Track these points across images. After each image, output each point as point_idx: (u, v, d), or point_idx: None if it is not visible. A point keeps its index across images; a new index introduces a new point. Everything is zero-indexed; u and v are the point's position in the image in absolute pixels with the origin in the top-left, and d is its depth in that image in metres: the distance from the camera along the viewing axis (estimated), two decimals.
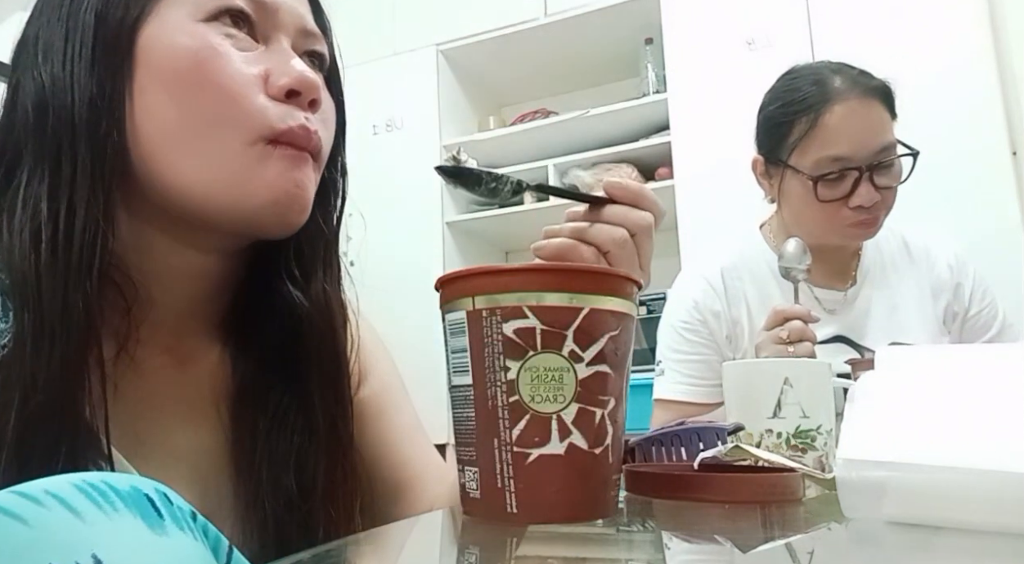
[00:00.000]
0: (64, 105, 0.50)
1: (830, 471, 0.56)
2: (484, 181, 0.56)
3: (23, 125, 0.51)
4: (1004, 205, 2.03)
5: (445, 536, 0.49)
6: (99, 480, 0.28)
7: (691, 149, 2.42)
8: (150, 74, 0.50)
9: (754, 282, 1.24)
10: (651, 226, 0.58)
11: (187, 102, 0.50)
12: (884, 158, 1.11)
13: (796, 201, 1.18)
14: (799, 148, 1.14)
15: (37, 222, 0.48)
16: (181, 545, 0.28)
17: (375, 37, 2.93)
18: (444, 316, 0.45)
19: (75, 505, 0.27)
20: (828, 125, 1.11)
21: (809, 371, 0.66)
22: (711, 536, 0.45)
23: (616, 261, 0.56)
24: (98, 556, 0.26)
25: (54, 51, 0.51)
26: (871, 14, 2.22)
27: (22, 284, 0.47)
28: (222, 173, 0.51)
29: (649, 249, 0.59)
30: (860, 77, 1.15)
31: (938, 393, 0.41)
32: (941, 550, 0.37)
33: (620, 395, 0.44)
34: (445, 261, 2.75)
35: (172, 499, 0.29)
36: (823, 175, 1.12)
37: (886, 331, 1.18)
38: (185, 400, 0.58)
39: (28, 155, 0.51)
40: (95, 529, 0.26)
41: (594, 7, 2.66)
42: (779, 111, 1.18)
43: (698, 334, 1.23)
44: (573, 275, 0.42)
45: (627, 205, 0.59)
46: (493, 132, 2.88)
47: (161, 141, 0.51)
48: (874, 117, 1.12)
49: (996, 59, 2.09)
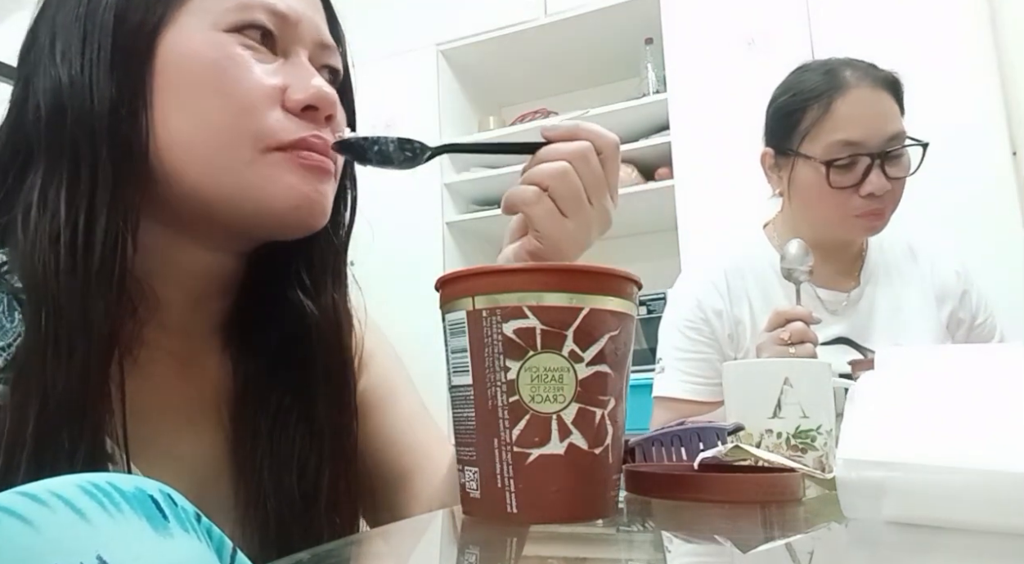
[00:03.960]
0: (83, 107, 0.50)
1: (830, 471, 0.56)
2: (368, 149, 0.54)
3: (35, 124, 0.51)
4: (1004, 205, 2.03)
5: (445, 536, 0.49)
6: (103, 481, 0.28)
7: (691, 149, 2.42)
8: (169, 79, 0.51)
9: (757, 282, 1.24)
10: (586, 152, 0.53)
11: (204, 109, 0.51)
12: (894, 146, 1.12)
13: (806, 191, 1.18)
14: (810, 135, 1.15)
15: (56, 226, 0.48)
16: (186, 547, 0.28)
17: (375, 37, 2.93)
18: (444, 316, 0.45)
19: (80, 506, 0.26)
20: (840, 111, 1.13)
21: (809, 371, 0.66)
22: (711, 536, 0.45)
23: (557, 194, 0.53)
24: (103, 557, 0.25)
25: (72, 52, 0.51)
26: (871, 14, 2.22)
27: (40, 288, 0.47)
28: (240, 180, 0.51)
29: (613, 173, 0.55)
30: (870, 68, 1.17)
31: (938, 393, 0.41)
32: (941, 550, 0.37)
33: (620, 395, 0.44)
34: (445, 261, 2.75)
35: (176, 500, 0.29)
36: (834, 159, 1.12)
37: (889, 333, 1.18)
38: (187, 402, 0.58)
39: (41, 155, 0.50)
40: (100, 530, 0.26)
41: (594, 7, 2.66)
42: (790, 100, 1.19)
43: (700, 333, 1.23)
44: (573, 275, 0.42)
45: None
46: (493, 132, 2.88)
47: (180, 146, 0.51)
48: (884, 106, 1.14)
49: (996, 59, 2.09)
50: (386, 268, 2.64)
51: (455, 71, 2.97)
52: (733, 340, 1.23)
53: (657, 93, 2.60)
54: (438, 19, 2.89)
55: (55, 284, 0.47)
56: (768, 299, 1.22)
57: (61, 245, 0.47)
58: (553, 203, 0.53)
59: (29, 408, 0.45)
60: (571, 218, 0.54)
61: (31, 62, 0.53)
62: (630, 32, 2.71)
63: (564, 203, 0.53)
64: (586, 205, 0.54)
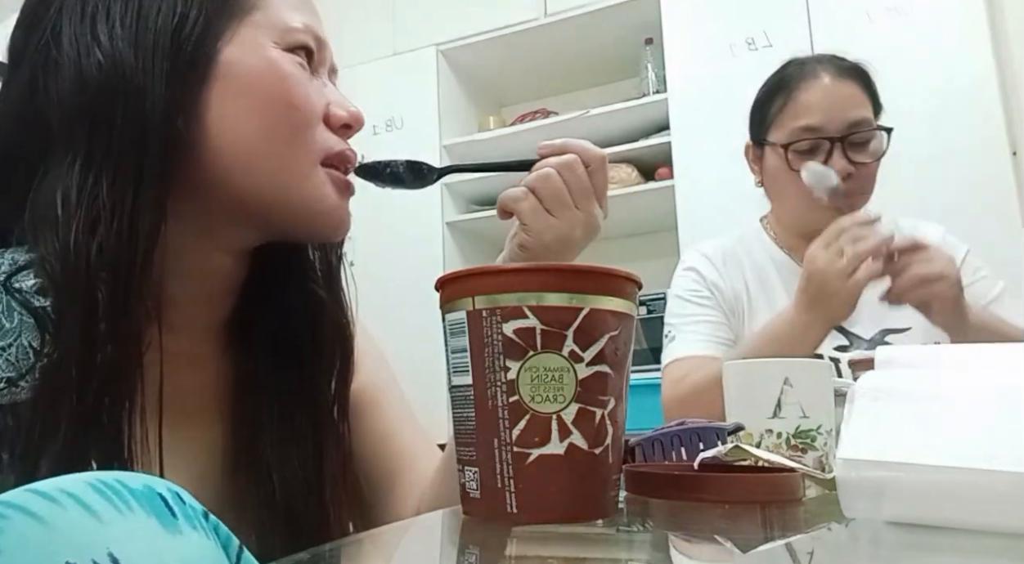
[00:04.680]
0: (135, 108, 0.50)
1: (830, 471, 0.56)
2: (382, 172, 0.62)
3: (67, 118, 0.51)
4: (1004, 205, 2.03)
5: (445, 536, 0.49)
6: (113, 479, 0.28)
7: (691, 149, 2.42)
8: (232, 88, 0.53)
9: (753, 269, 1.27)
10: (571, 161, 0.60)
11: (270, 118, 0.54)
12: (856, 131, 1.14)
13: (775, 177, 1.22)
14: (775, 123, 1.20)
15: (92, 219, 0.48)
16: (194, 544, 0.28)
17: (375, 37, 2.93)
18: (444, 316, 0.45)
19: (90, 504, 0.27)
20: (800, 99, 1.18)
21: (809, 371, 0.66)
22: (711, 536, 0.45)
23: (541, 194, 0.60)
24: (114, 554, 0.26)
25: (119, 51, 0.51)
26: (871, 14, 2.22)
27: (70, 283, 0.47)
28: (302, 190, 0.55)
29: (600, 183, 0.62)
30: (835, 59, 1.21)
31: (938, 393, 0.41)
32: (941, 550, 0.37)
33: (620, 395, 0.44)
34: (445, 261, 2.75)
35: (184, 498, 0.29)
36: (792, 142, 1.16)
37: (877, 317, 1.18)
38: (190, 399, 0.58)
39: (66, 146, 0.50)
40: (111, 528, 0.27)
41: (594, 7, 2.66)
42: (762, 93, 1.25)
43: (706, 299, 1.25)
44: (573, 275, 0.42)
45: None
46: (493, 132, 2.88)
47: (239, 149, 0.53)
48: (846, 92, 1.17)
49: (996, 59, 2.09)
50: (386, 268, 2.65)
51: (455, 71, 2.97)
52: (736, 315, 1.24)
53: (657, 93, 2.60)
54: (438, 19, 2.89)
55: (88, 279, 0.47)
56: (764, 289, 1.24)
57: (100, 239, 0.48)
58: (539, 201, 0.60)
59: (62, 406, 0.46)
60: (555, 216, 0.60)
61: (38, 53, 0.53)
62: (630, 32, 2.71)
63: (548, 202, 0.59)
64: (570, 206, 0.60)
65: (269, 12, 0.55)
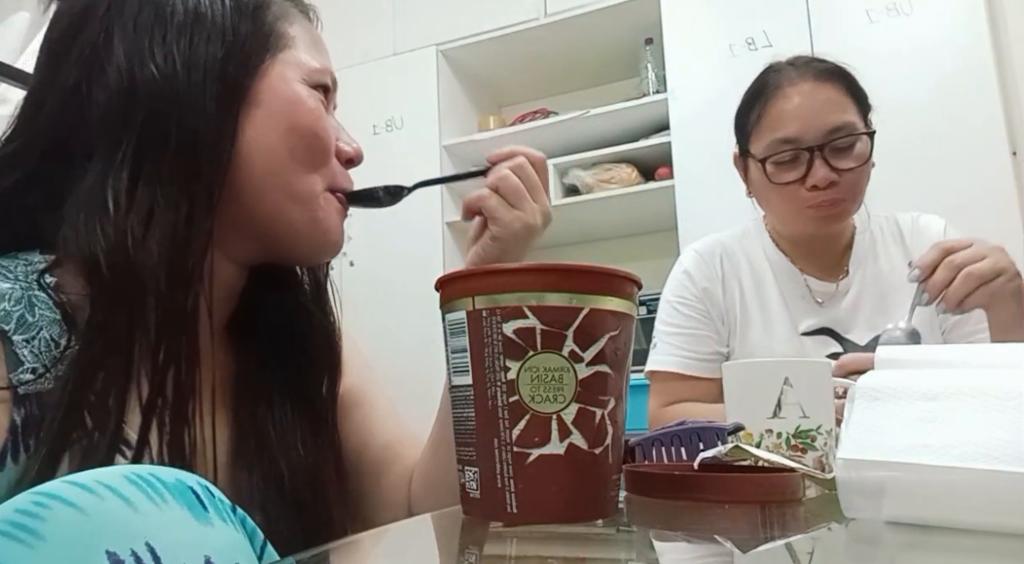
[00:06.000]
0: (188, 123, 0.55)
1: (830, 471, 0.56)
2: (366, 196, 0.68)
3: (107, 118, 0.54)
4: (1004, 205, 2.03)
5: (445, 536, 0.49)
6: (147, 472, 0.29)
7: (691, 149, 2.42)
8: (267, 114, 0.59)
9: (750, 267, 1.26)
10: (522, 163, 0.68)
11: (299, 144, 0.60)
12: (835, 138, 1.10)
13: (759, 189, 1.20)
14: (754, 134, 1.17)
15: (144, 220, 0.52)
16: (225, 536, 0.29)
17: (375, 37, 2.92)
18: (444, 316, 0.45)
19: (127, 495, 0.28)
20: (776, 108, 1.14)
21: (809, 371, 0.66)
22: (711, 536, 0.45)
23: (503, 191, 0.67)
24: (152, 545, 0.27)
25: (177, 72, 0.55)
26: (871, 14, 2.22)
27: (120, 281, 0.50)
28: (312, 213, 0.61)
29: (545, 179, 0.71)
30: (812, 62, 1.17)
31: (938, 393, 0.41)
32: (941, 550, 0.37)
33: (620, 395, 0.44)
34: (445, 261, 2.75)
35: (213, 492, 0.31)
36: (771, 155, 1.13)
37: (872, 324, 1.18)
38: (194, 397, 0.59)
39: (113, 149, 0.54)
40: (148, 519, 0.27)
41: (594, 7, 2.65)
42: (742, 102, 1.22)
43: (692, 308, 1.24)
44: (573, 275, 0.42)
45: None
46: (493, 132, 2.87)
47: (267, 169, 0.59)
48: (823, 98, 1.12)
49: (996, 59, 2.09)
50: (386, 268, 2.64)
51: (455, 71, 2.96)
52: (726, 323, 1.24)
53: (657, 93, 2.60)
54: (438, 19, 2.89)
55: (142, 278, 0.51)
56: (759, 287, 1.23)
57: (157, 242, 0.52)
58: (502, 198, 0.67)
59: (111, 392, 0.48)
60: (518, 208, 0.67)
61: (85, 61, 0.56)
62: (630, 32, 2.71)
63: (510, 197, 0.67)
64: (528, 198, 0.68)
65: (298, 52, 0.62)
